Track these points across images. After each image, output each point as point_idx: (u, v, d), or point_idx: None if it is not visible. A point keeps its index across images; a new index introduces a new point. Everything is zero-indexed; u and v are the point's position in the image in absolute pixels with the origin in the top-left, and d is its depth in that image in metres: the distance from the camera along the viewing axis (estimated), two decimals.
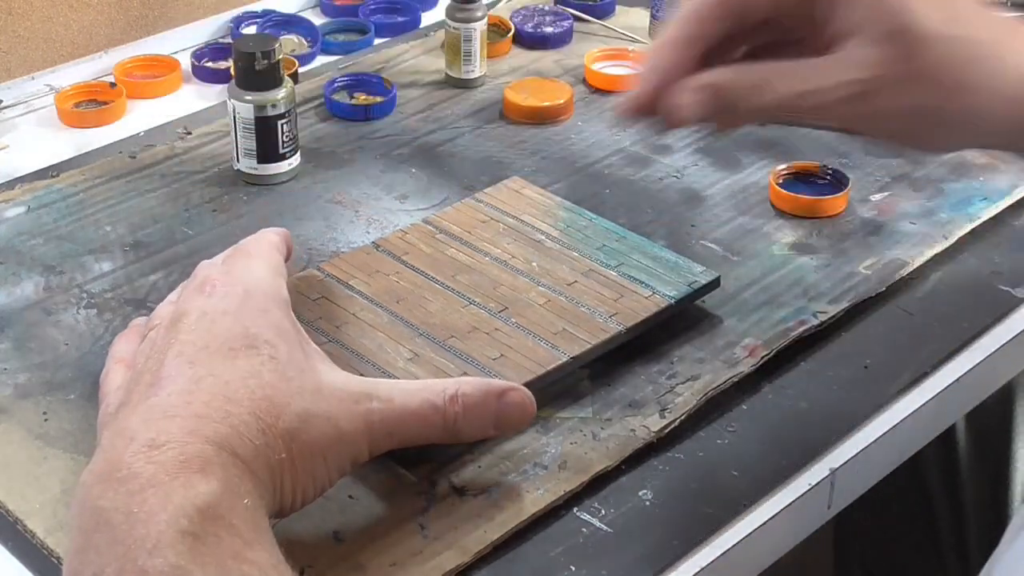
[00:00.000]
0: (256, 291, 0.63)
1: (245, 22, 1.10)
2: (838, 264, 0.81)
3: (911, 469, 1.10)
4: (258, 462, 0.54)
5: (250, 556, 0.50)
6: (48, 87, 1.01)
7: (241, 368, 0.57)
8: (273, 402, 0.57)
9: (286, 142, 0.88)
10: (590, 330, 0.70)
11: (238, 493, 0.52)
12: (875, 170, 0.90)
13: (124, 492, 0.50)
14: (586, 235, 0.78)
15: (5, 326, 0.75)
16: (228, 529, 0.50)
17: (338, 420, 0.58)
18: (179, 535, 0.49)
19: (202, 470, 0.52)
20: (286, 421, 0.56)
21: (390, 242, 0.78)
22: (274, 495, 0.56)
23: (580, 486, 0.64)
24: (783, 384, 0.72)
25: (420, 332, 0.70)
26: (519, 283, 0.74)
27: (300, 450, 0.56)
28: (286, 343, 0.60)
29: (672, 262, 0.76)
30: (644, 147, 0.93)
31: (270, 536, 0.53)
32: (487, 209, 0.81)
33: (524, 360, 0.68)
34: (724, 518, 0.63)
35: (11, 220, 0.84)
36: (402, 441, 0.61)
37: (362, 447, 0.59)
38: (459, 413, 0.62)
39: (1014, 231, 0.85)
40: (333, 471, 0.59)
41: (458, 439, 0.63)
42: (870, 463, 0.69)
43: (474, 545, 0.60)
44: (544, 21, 1.09)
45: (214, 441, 0.53)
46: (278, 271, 0.66)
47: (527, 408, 0.63)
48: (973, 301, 0.78)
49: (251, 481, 0.54)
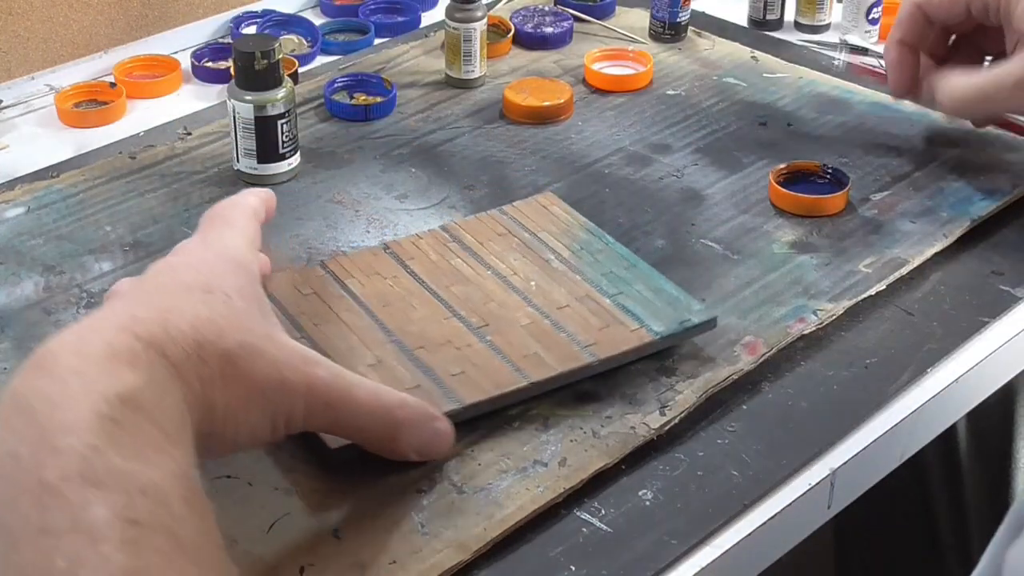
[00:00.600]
0: (225, 257, 0.64)
1: (245, 22, 1.10)
2: (838, 263, 0.81)
3: (912, 469, 1.10)
4: (187, 367, 0.54)
5: (169, 449, 0.49)
6: (48, 87, 1.01)
7: (193, 298, 0.58)
8: (217, 325, 0.57)
9: (286, 142, 0.88)
10: (561, 357, 0.69)
11: (164, 390, 0.52)
12: (875, 170, 0.90)
13: (47, 379, 0.50)
14: (596, 259, 0.77)
15: (5, 326, 0.75)
16: (150, 421, 0.50)
17: (281, 367, 0.58)
18: (98, 418, 0.48)
19: (129, 363, 0.51)
20: (228, 343, 0.56)
21: (401, 245, 0.78)
22: (204, 408, 0.55)
23: (580, 483, 0.64)
24: (783, 384, 0.72)
25: (393, 339, 0.70)
26: (510, 300, 0.73)
27: (236, 375, 0.56)
28: (244, 299, 0.60)
29: (672, 297, 0.73)
30: (644, 147, 0.93)
31: (192, 439, 0.52)
32: (508, 222, 0.80)
33: (483, 379, 0.67)
34: (724, 518, 0.63)
35: (11, 220, 0.84)
36: (340, 421, 0.61)
37: (299, 404, 0.59)
38: (405, 419, 0.62)
39: (1014, 231, 0.85)
40: (267, 413, 0.58)
41: (391, 446, 0.63)
42: (870, 463, 0.69)
43: (474, 543, 0.60)
44: (544, 21, 1.09)
45: (144, 339, 0.53)
46: (251, 241, 0.67)
47: (449, 442, 0.64)
48: (973, 301, 0.78)
49: (178, 384, 0.53)
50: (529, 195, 0.87)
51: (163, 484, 0.47)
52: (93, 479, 0.46)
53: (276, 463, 0.65)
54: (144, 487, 0.47)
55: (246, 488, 0.63)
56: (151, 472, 0.47)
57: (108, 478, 0.46)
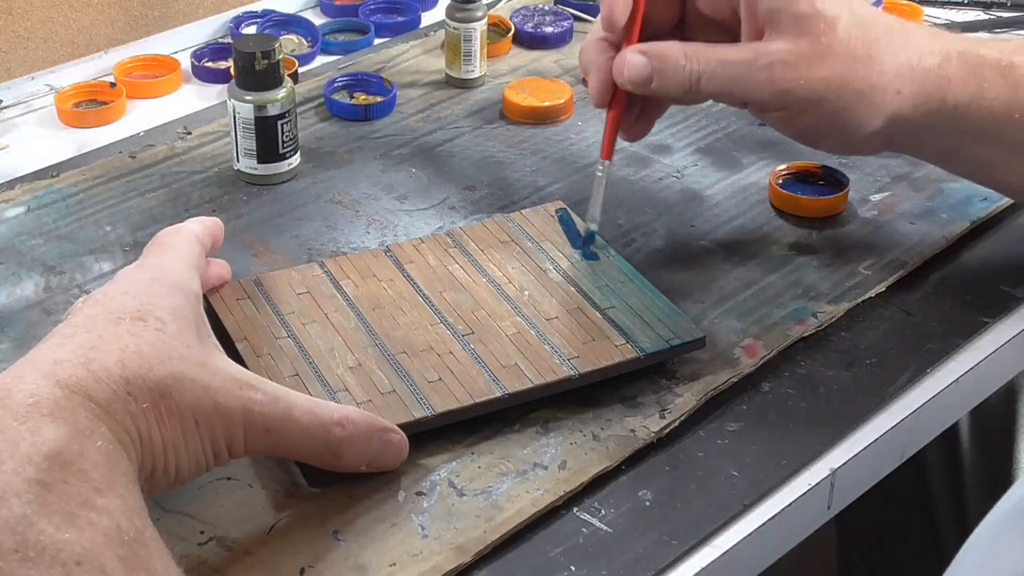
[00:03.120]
0: (162, 279, 0.63)
1: (245, 22, 1.10)
2: (838, 264, 0.81)
3: (914, 469, 1.10)
4: (116, 406, 0.54)
5: (99, 503, 0.49)
6: (48, 87, 1.01)
7: (121, 330, 0.57)
8: (145, 357, 0.56)
9: (286, 142, 0.88)
10: (541, 369, 0.68)
11: (90, 436, 0.51)
12: (875, 170, 0.90)
13: None
14: (595, 271, 0.76)
15: (5, 326, 0.75)
16: (78, 475, 0.49)
17: (215, 393, 0.58)
18: (26, 484, 0.48)
19: (51, 414, 0.51)
20: (157, 376, 0.56)
21: (402, 248, 0.78)
22: (140, 445, 0.54)
23: (580, 486, 0.64)
24: (783, 384, 0.72)
25: (376, 342, 0.70)
26: (500, 309, 0.73)
27: (169, 407, 0.56)
28: (178, 323, 0.60)
29: (665, 313, 0.72)
30: (644, 147, 0.93)
31: (127, 482, 0.52)
32: (512, 229, 0.80)
33: (458, 388, 0.67)
34: (724, 518, 0.63)
35: (11, 220, 0.84)
36: (280, 444, 0.60)
37: (237, 430, 0.59)
38: (345, 437, 0.62)
39: (1014, 231, 0.85)
40: (207, 441, 0.58)
41: (337, 464, 0.62)
42: (870, 463, 0.69)
43: (474, 545, 0.60)
44: (544, 21, 1.09)
45: (67, 384, 0.53)
46: (191, 263, 0.67)
47: (402, 452, 0.64)
48: (973, 301, 0.78)
49: (107, 424, 0.53)
50: (529, 195, 0.87)
51: (96, 549, 0.48)
52: (27, 556, 0.46)
53: (276, 464, 0.65)
54: (79, 556, 0.47)
55: (246, 490, 0.63)
56: (84, 538, 0.48)
57: (44, 553, 0.47)
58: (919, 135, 0.76)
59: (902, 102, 0.73)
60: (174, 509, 0.62)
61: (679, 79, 0.73)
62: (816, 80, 0.71)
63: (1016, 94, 0.75)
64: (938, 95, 0.74)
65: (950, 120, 0.75)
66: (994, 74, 0.75)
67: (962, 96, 0.74)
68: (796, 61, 0.71)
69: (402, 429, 0.64)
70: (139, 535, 0.50)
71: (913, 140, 0.77)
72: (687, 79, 0.73)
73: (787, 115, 0.73)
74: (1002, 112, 0.74)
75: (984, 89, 0.74)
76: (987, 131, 0.75)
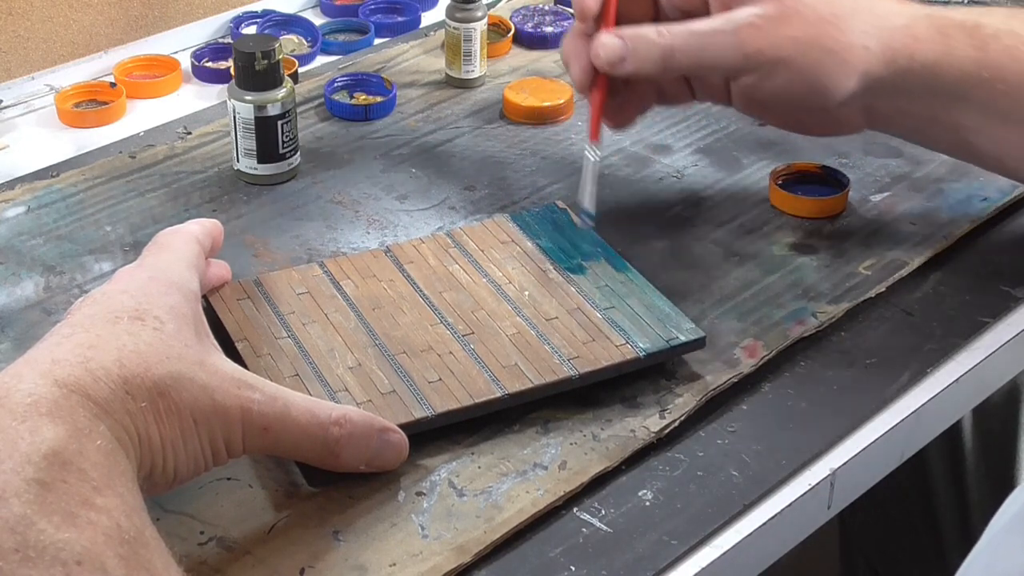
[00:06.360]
0: (160, 278, 0.63)
1: (245, 22, 1.10)
2: (838, 264, 0.81)
3: (917, 469, 1.10)
4: (115, 405, 0.54)
5: (99, 502, 0.49)
6: (48, 87, 1.01)
7: (119, 329, 0.57)
8: (144, 356, 0.56)
9: (286, 142, 0.88)
10: (541, 370, 0.68)
11: (88, 435, 0.51)
12: (875, 170, 0.90)
13: None
14: (595, 272, 0.76)
15: (5, 326, 0.75)
16: (77, 474, 0.49)
17: (213, 392, 0.58)
18: (25, 483, 0.48)
19: (49, 413, 0.51)
20: (155, 375, 0.56)
21: (402, 249, 0.78)
22: (139, 444, 0.54)
23: (580, 487, 0.64)
24: (783, 384, 0.72)
25: (377, 342, 0.70)
26: (500, 310, 0.73)
27: (168, 406, 0.56)
28: (176, 323, 0.60)
29: (664, 314, 0.72)
30: (644, 147, 0.93)
31: (126, 481, 0.52)
32: (513, 229, 0.80)
33: (458, 388, 0.67)
34: (724, 518, 0.63)
35: (11, 220, 0.84)
36: (278, 443, 0.60)
37: (236, 429, 0.59)
38: (343, 436, 0.61)
39: (1014, 231, 0.85)
40: (205, 441, 0.58)
41: (335, 464, 0.62)
42: (870, 463, 0.69)
43: (474, 546, 0.60)
44: (544, 21, 1.09)
45: (65, 383, 0.53)
46: (189, 263, 0.67)
47: (402, 452, 0.64)
48: (973, 301, 0.78)
49: (106, 423, 0.53)
50: (529, 195, 0.87)
51: (96, 548, 0.48)
52: (27, 556, 0.46)
53: (276, 464, 0.65)
54: (80, 555, 0.47)
55: (246, 490, 0.63)
56: (84, 537, 0.48)
57: (44, 552, 0.47)
58: (895, 101, 0.78)
59: (871, 58, 0.74)
60: (174, 509, 0.62)
61: (652, 54, 0.75)
62: (784, 39, 0.73)
63: (984, 53, 0.76)
64: (906, 52, 0.75)
65: (921, 80, 0.76)
66: (961, 33, 0.76)
67: (930, 54, 0.75)
68: (763, 23, 0.73)
69: (402, 429, 0.64)
70: (139, 534, 0.50)
71: (892, 108, 0.78)
72: (660, 53, 0.75)
73: (759, 79, 0.75)
74: (972, 70, 0.76)
75: (952, 48, 0.76)
76: (958, 91, 0.76)
